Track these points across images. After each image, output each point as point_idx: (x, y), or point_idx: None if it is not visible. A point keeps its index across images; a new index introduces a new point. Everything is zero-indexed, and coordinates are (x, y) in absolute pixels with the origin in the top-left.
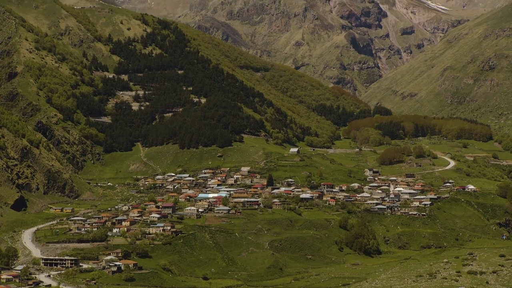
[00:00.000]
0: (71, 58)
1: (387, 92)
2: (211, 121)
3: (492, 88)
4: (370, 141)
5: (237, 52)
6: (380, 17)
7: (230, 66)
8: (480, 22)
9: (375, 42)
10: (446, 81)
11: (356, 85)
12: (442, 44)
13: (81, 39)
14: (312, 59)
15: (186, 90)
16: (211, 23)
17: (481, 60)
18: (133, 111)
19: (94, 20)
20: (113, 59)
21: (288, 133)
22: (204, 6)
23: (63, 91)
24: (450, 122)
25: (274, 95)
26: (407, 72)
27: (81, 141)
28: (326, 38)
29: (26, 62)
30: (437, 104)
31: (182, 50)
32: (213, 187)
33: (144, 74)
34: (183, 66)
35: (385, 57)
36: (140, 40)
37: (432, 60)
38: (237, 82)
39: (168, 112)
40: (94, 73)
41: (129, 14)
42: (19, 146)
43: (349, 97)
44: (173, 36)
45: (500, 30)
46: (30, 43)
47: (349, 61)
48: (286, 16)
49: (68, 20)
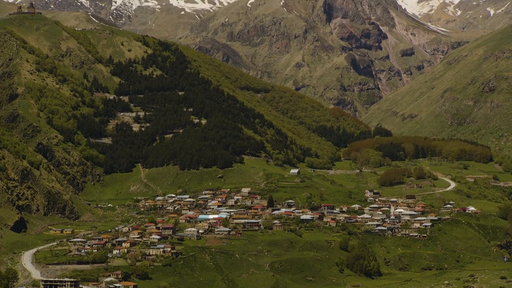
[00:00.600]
0: (72, 80)
1: (387, 114)
2: (211, 142)
3: (492, 109)
4: (371, 162)
5: (238, 74)
6: (380, 39)
7: (231, 87)
8: (480, 44)
9: (375, 63)
10: (446, 102)
11: (357, 106)
12: (442, 66)
13: (82, 60)
14: (312, 81)
15: (186, 111)
16: (211, 45)
17: (481, 82)
18: (134, 132)
19: (95, 42)
20: (113, 81)
21: (289, 154)
22: (204, 27)
23: (64, 113)
24: (450, 144)
25: (275, 116)
26: (407, 93)
27: (81, 162)
28: (327, 59)
29: (27, 84)
30: (437, 125)
31: (182, 72)
32: (213, 208)
33: (145, 95)
34: (183, 88)
35: (385, 79)
36: (141, 61)
37: (432, 82)
38: (238, 103)
39: (168, 133)
40: (95, 94)
41: (130, 35)
42: (20, 167)
43: (350, 118)
44: (174, 57)
45: (500, 52)
46: (31, 64)
47: (350, 83)
48: (287, 38)
49: (69, 41)
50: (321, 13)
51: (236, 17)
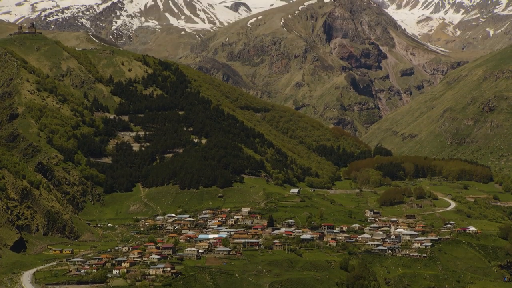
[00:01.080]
0: (72, 99)
1: (387, 133)
2: (211, 161)
3: (492, 129)
4: (371, 182)
5: (238, 93)
6: (380, 59)
7: (231, 106)
8: (480, 64)
9: (375, 83)
10: (446, 122)
11: (357, 126)
12: (442, 86)
13: (82, 80)
14: (312, 100)
15: (186, 131)
16: (212, 64)
17: (481, 102)
18: (134, 151)
19: (95, 62)
20: (114, 100)
21: (289, 174)
22: (205, 47)
23: (64, 132)
24: (450, 163)
25: (275, 136)
26: (407, 113)
27: (81, 182)
28: (326, 79)
29: (27, 103)
30: (437, 145)
31: (183, 91)
32: (213, 227)
33: (145, 114)
34: (183, 107)
35: (385, 98)
36: (141, 81)
37: (432, 101)
38: (238, 122)
39: (168, 152)
40: (95, 114)
41: (130, 55)
42: (20, 187)
43: (350, 138)
44: (174, 77)
45: (500, 72)
46: (31, 84)
47: (349, 102)
48: (287, 58)
49: (70, 61)
50: (321, 33)
51: (236, 37)
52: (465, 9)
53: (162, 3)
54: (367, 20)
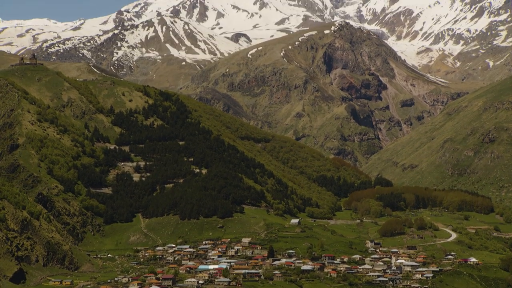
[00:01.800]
0: (73, 130)
1: (388, 164)
2: (212, 192)
3: (493, 160)
4: (371, 213)
5: (238, 123)
6: (380, 89)
7: (231, 137)
8: (479, 95)
9: (375, 113)
10: (447, 153)
11: (357, 156)
12: (442, 116)
13: (83, 110)
14: (312, 130)
15: (187, 161)
16: (212, 95)
17: (481, 133)
18: (134, 182)
19: (96, 92)
20: (114, 131)
21: (289, 204)
22: (205, 78)
23: (64, 163)
24: (451, 194)
25: (275, 166)
26: (408, 143)
27: (81, 213)
28: (327, 109)
29: (28, 134)
30: (437, 175)
31: (183, 121)
32: (213, 258)
33: (145, 145)
34: (184, 137)
35: (386, 129)
36: (142, 111)
37: (432, 132)
38: (238, 153)
39: (169, 183)
40: (96, 144)
41: (131, 86)
42: (19, 218)
43: (350, 168)
44: (175, 107)
45: (499, 103)
46: (32, 115)
47: (350, 133)
48: (287, 88)
49: (71, 92)
50: (321, 64)
51: (236, 68)
52: (464, 41)
53: (163, 34)
54: (367, 51)
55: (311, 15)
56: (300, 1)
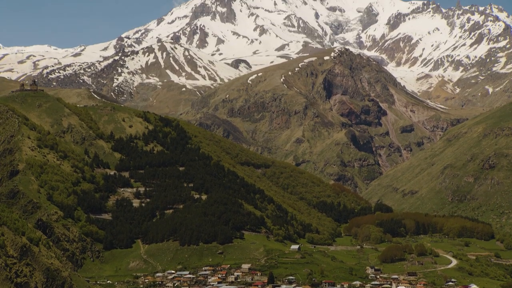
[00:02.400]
0: (73, 156)
1: (388, 190)
2: (211, 217)
3: (493, 186)
4: (372, 239)
5: (238, 149)
6: (379, 115)
7: (231, 162)
8: (479, 121)
9: (375, 139)
10: (447, 179)
11: (357, 182)
12: (442, 142)
13: (83, 136)
14: (312, 156)
15: (187, 187)
16: (212, 120)
17: (481, 159)
18: (134, 207)
19: (96, 118)
20: (114, 156)
21: (289, 230)
22: (205, 103)
23: (64, 188)
24: (451, 220)
25: (275, 192)
26: (408, 169)
27: (81, 239)
28: (327, 135)
29: (28, 160)
30: (438, 202)
31: (183, 147)
32: (213, 284)
33: (145, 171)
34: (184, 163)
35: (385, 155)
36: (142, 137)
37: (432, 158)
38: (238, 178)
39: (168, 208)
40: (96, 170)
41: (131, 112)
42: (19, 244)
43: (350, 194)
44: (175, 133)
45: (499, 129)
46: (32, 141)
47: (350, 158)
48: (287, 114)
49: (71, 118)
50: (321, 90)
51: (236, 94)
52: (464, 67)
53: (163, 60)
54: (367, 77)
55: (311, 41)
56: (300, 28)
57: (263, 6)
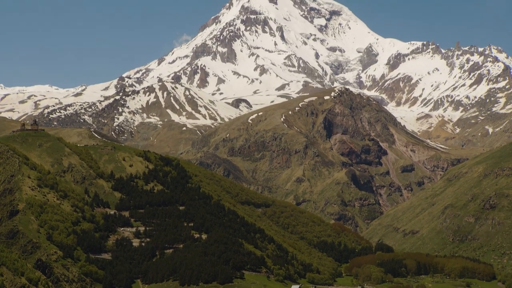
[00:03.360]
0: (73, 195)
1: (389, 229)
2: (212, 257)
3: (494, 227)
4: (372, 279)
5: (238, 188)
6: (380, 155)
7: (232, 202)
8: (480, 161)
9: (376, 179)
10: (448, 219)
11: (357, 221)
12: (442, 182)
13: (84, 176)
14: (313, 195)
15: (187, 226)
16: (212, 160)
17: (482, 199)
18: (134, 247)
19: (96, 158)
20: (114, 196)
21: (290, 270)
22: (206, 143)
23: (64, 228)
24: (452, 261)
25: (275, 231)
26: (408, 209)
27: (80, 279)
28: (327, 174)
29: (28, 200)
30: (439, 242)
31: (183, 186)
32: None
33: (146, 210)
34: (184, 202)
35: (386, 194)
36: (142, 176)
37: (433, 198)
38: (238, 218)
39: (168, 248)
40: (96, 210)
41: (132, 151)
42: (18, 284)
43: (351, 233)
44: (175, 172)
45: (500, 169)
46: (32, 180)
47: (350, 198)
48: (287, 153)
49: (71, 157)
50: (321, 129)
51: (237, 133)
52: (464, 107)
53: (164, 99)
54: (367, 117)
55: (311, 81)
56: (300, 68)
57: (264, 46)
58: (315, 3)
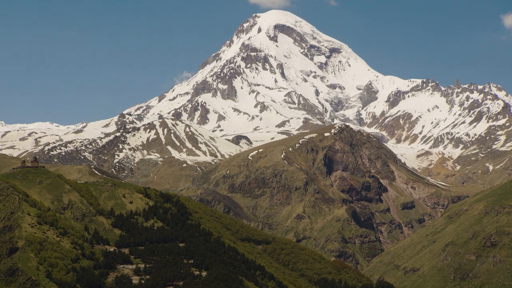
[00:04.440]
0: (72, 232)
1: (389, 267)
2: None
3: (495, 265)
4: None
5: (239, 225)
6: (380, 192)
7: (232, 239)
8: (480, 198)
9: (376, 216)
10: (448, 256)
11: (358, 258)
12: (443, 220)
13: (84, 213)
14: (313, 232)
15: (187, 263)
16: (213, 196)
17: (483, 237)
18: (134, 284)
19: (97, 194)
20: (114, 233)
21: None
22: (206, 179)
23: (63, 265)
24: None
25: (276, 268)
26: (409, 246)
27: None
28: (327, 211)
29: (27, 237)
30: (440, 279)
31: (183, 223)
32: None
33: (145, 247)
34: (184, 239)
35: (387, 231)
36: (142, 213)
37: (434, 235)
38: (239, 255)
39: (168, 285)
40: (95, 247)
41: (132, 187)
42: None
43: (351, 271)
44: (175, 209)
45: (500, 207)
46: (32, 217)
47: (351, 235)
48: (287, 190)
49: (71, 194)
50: (321, 166)
51: (237, 169)
52: (464, 144)
53: (164, 136)
54: (367, 154)
55: (311, 118)
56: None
57: (264, 83)
58: (315, 41)
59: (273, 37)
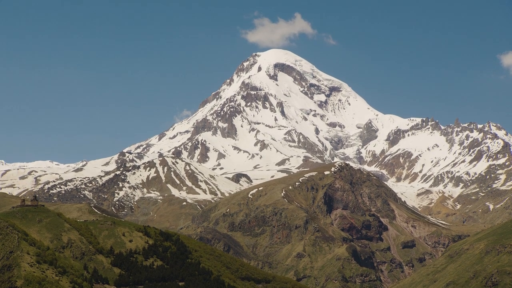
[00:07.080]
0: (72, 271)
1: None
2: None
3: None
4: None
5: (239, 264)
6: (381, 230)
7: (232, 277)
8: (481, 238)
9: (377, 255)
10: None
11: None
12: (444, 259)
13: (83, 252)
14: (313, 271)
15: None
16: (212, 235)
17: (484, 276)
18: None
19: (96, 233)
20: (114, 271)
21: None
22: (206, 218)
23: None
24: None
25: None
26: (410, 286)
27: None
28: (328, 250)
29: (26, 276)
30: None
31: (183, 262)
32: None
33: (145, 286)
34: (184, 278)
35: (387, 270)
36: (142, 251)
37: (435, 275)
38: None
39: None
40: (95, 286)
41: (132, 226)
42: None
43: None
44: (175, 247)
45: (501, 246)
46: (31, 257)
47: (351, 274)
48: (288, 228)
49: (71, 233)
50: (321, 204)
51: (237, 208)
52: (464, 183)
53: (164, 174)
54: (367, 192)
55: (311, 156)
56: (300, 143)
57: (264, 121)
58: (315, 80)
59: (273, 75)
